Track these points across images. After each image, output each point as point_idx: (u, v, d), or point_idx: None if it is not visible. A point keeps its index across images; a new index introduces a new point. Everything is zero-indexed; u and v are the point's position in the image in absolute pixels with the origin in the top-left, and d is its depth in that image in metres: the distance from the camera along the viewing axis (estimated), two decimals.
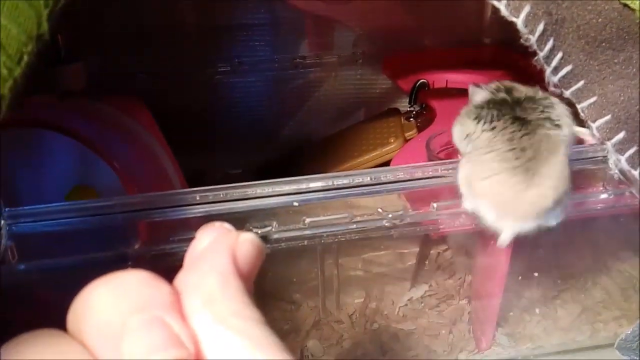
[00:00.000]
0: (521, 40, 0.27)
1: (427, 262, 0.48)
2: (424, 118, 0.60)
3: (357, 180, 0.31)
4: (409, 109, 0.62)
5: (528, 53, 0.64)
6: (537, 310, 0.44)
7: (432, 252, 0.48)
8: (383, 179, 0.31)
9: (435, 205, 0.32)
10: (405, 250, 0.46)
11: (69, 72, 0.47)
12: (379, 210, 0.32)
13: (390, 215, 0.31)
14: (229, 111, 0.68)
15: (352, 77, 0.71)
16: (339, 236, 0.31)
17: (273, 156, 0.68)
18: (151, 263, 0.30)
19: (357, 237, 0.31)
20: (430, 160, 0.38)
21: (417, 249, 0.46)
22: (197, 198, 0.30)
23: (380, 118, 0.64)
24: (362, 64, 0.70)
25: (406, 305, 0.45)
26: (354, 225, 0.31)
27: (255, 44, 0.67)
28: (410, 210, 0.32)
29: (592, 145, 0.31)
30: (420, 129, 0.58)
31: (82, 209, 0.29)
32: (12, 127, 0.36)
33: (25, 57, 0.20)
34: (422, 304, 0.46)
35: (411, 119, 0.60)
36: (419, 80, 0.61)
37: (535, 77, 0.61)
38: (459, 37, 0.71)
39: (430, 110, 0.60)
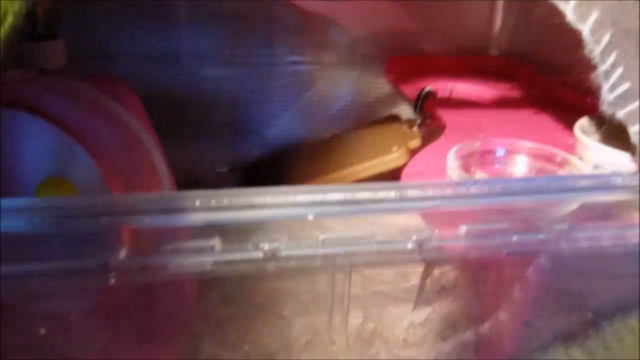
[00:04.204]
0: (586, 51, 0.24)
1: (428, 281, 0.45)
2: (428, 128, 0.57)
3: (380, 195, 0.27)
4: (412, 118, 0.58)
5: (536, 67, 0.62)
6: (561, 348, 0.41)
7: (435, 271, 0.44)
8: (410, 195, 0.27)
9: (464, 228, 0.28)
10: (410, 269, 0.42)
11: (48, 49, 0.43)
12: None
13: (414, 237, 0.28)
14: (219, 105, 0.63)
15: (351, 79, 0.67)
16: (357, 256, 0.27)
17: (263, 156, 0.63)
18: (137, 276, 0.25)
19: (375, 260, 0.27)
20: (455, 175, 0.35)
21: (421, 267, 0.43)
22: (197, 203, 0.26)
23: (379, 125, 0.60)
24: (362, 67, 0.67)
25: (408, 329, 0.42)
26: (375, 247, 0.27)
27: (251, 39, 0.62)
28: (435, 232, 0.28)
29: (624, 172, 0.28)
30: (424, 139, 0.55)
31: (56, 207, 0.24)
32: None
33: (10, 17, 0.16)
34: (425, 329, 0.42)
35: (414, 128, 0.56)
36: (425, 88, 0.58)
37: (542, 92, 0.59)
38: (464, 45, 0.68)
39: (435, 120, 0.57)
